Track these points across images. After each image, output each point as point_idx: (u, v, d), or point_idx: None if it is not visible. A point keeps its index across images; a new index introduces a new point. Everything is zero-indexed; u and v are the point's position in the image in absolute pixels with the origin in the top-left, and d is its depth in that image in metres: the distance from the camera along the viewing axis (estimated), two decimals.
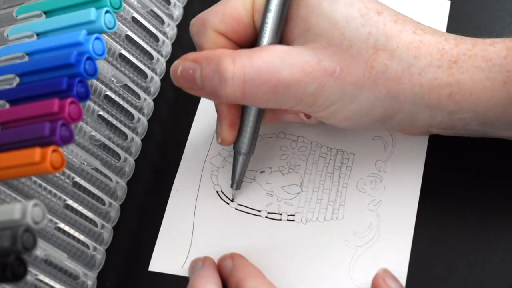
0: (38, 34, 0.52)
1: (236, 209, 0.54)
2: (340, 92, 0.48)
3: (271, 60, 0.47)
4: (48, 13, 0.52)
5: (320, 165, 0.55)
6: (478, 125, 0.49)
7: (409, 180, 0.53)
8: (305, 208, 0.54)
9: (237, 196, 0.55)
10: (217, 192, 0.55)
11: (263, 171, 0.55)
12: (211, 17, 0.50)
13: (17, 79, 0.49)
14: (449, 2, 0.59)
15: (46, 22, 0.52)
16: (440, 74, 0.47)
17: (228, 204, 0.55)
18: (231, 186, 0.54)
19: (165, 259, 0.53)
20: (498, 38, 0.48)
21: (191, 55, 0.50)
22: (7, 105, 0.48)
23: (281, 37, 0.49)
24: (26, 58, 0.50)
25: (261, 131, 0.56)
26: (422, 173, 0.53)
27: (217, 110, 0.52)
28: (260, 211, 0.54)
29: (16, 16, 0.53)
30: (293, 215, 0.53)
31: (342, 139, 0.55)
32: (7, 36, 0.52)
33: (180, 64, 0.50)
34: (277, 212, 0.54)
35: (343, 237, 0.52)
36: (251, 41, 0.51)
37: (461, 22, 0.58)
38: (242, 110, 0.52)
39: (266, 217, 0.54)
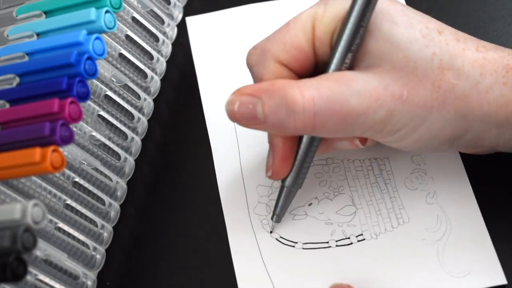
0: (38, 34, 0.52)
1: (303, 248, 0.53)
2: (409, 115, 0.47)
3: (339, 90, 0.46)
4: (48, 13, 0.52)
5: (362, 179, 0.54)
6: None
7: (450, 163, 0.53)
8: (369, 224, 0.53)
9: (298, 236, 0.53)
10: (276, 239, 0.53)
11: (311, 204, 0.54)
12: (272, 46, 0.49)
13: (17, 79, 0.49)
14: None
15: (46, 22, 0.52)
16: (507, 91, 0.47)
17: (294, 246, 0.53)
18: (271, 218, 0.53)
19: None
20: None
21: (247, 89, 0.47)
22: (7, 105, 0.48)
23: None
24: (26, 58, 0.50)
25: None
26: (460, 153, 0.53)
27: (270, 143, 0.50)
28: (327, 242, 0.53)
29: (16, 16, 0.53)
30: (361, 234, 0.52)
31: (369, 147, 0.54)
32: (7, 36, 0.52)
33: (236, 99, 0.47)
34: (345, 237, 0.53)
35: (419, 237, 0.51)
36: (310, 69, 0.50)
37: (460, 22, 0.58)
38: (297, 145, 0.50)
39: (337, 245, 0.52)
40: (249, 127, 0.48)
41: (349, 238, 0.53)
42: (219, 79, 0.60)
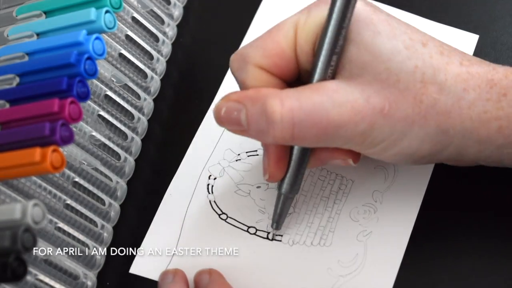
0: (38, 34, 0.52)
1: (226, 221, 0.54)
2: (390, 129, 0.46)
3: (320, 101, 0.45)
4: (48, 13, 0.52)
5: (317, 188, 0.54)
6: None
7: (404, 215, 0.52)
8: (294, 230, 0.52)
9: (229, 208, 0.54)
10: (210, 201, 0.54)
11: (259, 187, 0.54)
12: (252, 52, 0.48)
13: (17, 79, 0.49)
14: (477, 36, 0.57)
15: (46, 22, 0.52)
16: (490, 108, 0.46)
17: (219, 215, 0.54)
18: (271, 226, 0.52)
19: (147, 263, 0.53)
20: None
21: (234, 95, 0.47)
22: (7, 105, 0.48)
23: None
24: (26, 58, 0.50)
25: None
26: (418, 211, 0.52)
27: (263, 146, 0.50)
28: (249, 227, 0.53)
29: (16, 16, 0.53)
30: (281, 236, 0.52)
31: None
32: (7, 36, 0.52)
33: (223, 105, 0.47)
34: (266, 231, 0.53)
35: (327, 265, 0.51)
36: (294, 75, 0.49)
37: (461, 21, 0.58)
38: (290, 148, 0.50)
39: (254, 234, 0.53)
40: (235, 133, 0.48)
41: (268, 233, 0.53)
42: None
